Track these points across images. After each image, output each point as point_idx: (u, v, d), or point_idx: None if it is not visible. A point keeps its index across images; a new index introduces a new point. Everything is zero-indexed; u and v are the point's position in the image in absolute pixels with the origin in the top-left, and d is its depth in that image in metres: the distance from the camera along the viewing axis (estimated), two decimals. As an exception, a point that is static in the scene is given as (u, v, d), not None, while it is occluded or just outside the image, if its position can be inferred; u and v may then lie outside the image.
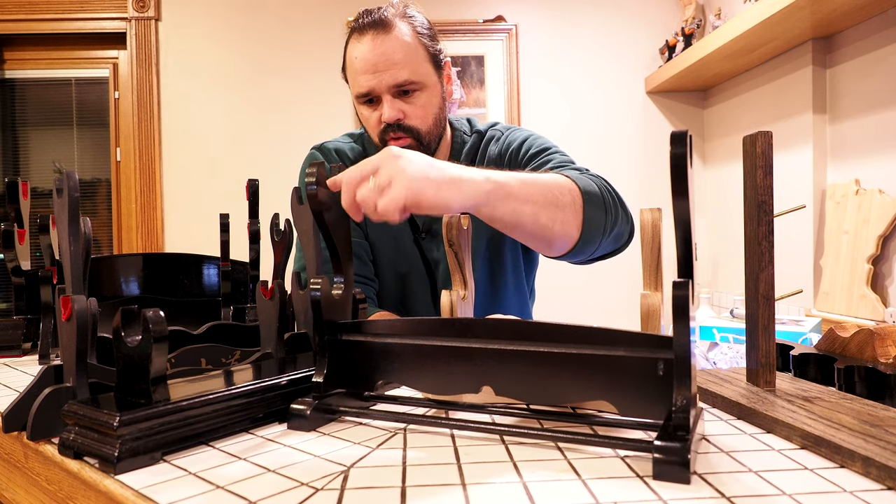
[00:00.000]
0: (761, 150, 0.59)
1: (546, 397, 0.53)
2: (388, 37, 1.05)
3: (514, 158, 1.14)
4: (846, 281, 1.91)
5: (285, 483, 0.43)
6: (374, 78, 1.05)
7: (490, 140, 1.19)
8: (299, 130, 2.74)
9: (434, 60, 1.11)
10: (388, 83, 1.05)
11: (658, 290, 0.56)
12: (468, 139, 1.20)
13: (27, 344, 0.93)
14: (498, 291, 1.21)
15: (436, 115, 1.11)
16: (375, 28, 1.06)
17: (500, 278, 1.20)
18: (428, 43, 1.10)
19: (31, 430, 0.53)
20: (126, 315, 0.50)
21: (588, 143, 2.77)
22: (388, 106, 1.06)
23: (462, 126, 1.22)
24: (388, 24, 1.06)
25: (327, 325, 0.60)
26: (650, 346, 0.48)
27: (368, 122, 1.11)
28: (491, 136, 1.20)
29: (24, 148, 2.88)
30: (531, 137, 1.17)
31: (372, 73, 1.05)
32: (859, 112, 1.94)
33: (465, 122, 1.24)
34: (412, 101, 1.08)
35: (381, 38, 1.05)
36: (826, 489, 0.41)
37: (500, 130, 1.21)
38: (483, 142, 1.20)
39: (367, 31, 1.06)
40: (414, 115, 1.08)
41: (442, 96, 1.13)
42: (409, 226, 1.17)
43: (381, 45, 1.05)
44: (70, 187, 0.57)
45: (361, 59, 1.06)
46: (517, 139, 1.17)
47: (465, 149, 1.18)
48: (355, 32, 1.08)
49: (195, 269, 1.07)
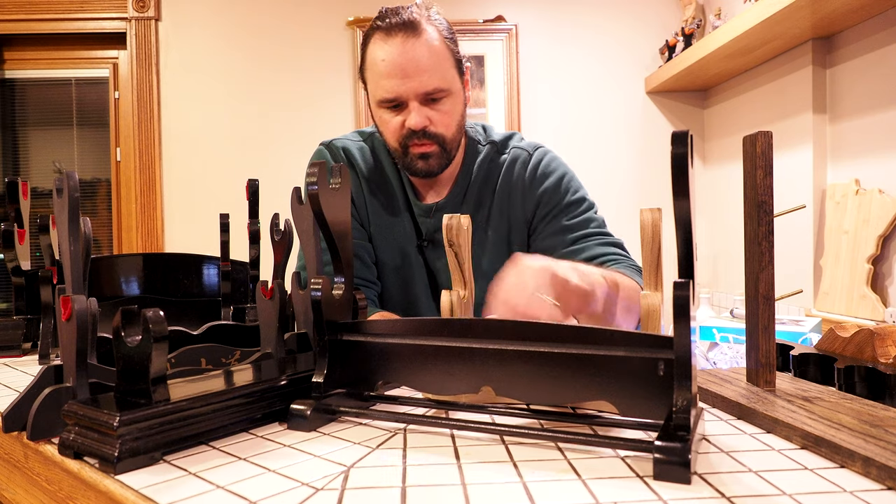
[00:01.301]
0: (761, 150, 0.59)
1: (546, 397, 0.53)
2: (417, 41, 1.01)
3: (551, 198, 1.11)
4: (846, 281, 1.91)
5: (285, 483, 0.43)
6: (403, 84, 1.01)
7: (516, 160, 1.15)
8: (299, 130, 2.74)
9: (458, 66, 1.07)
10: (418, 90, 1.02)
11: (658, 290, 0.56)
12: (482, 149, 1.16)
13: (27, 344, 0.93)
14: None
15: (459, 122, 1.09)
16: (405, 30, 1.01)
17: None
18: (453, 48, 1.06)
19: (31, 430, 0.53)
20: (126, 315, 0.50)
21: (588, 143, 2.77)
22: (415, 113, 1.02)
23: (476, 134, 1.18)
24: (418, 28, 1.01)
25: (328, 325, 0.60)
26: (651, 347, 0.48)
27: (388, 127, 1.07)
28: (516, 156, 1.15)
29: (24, 148, 2.88)
30: (566, 177, 1.14)
31: (401, 77, 1.01)
32: (859, 112, 1.94)
33: (480, 128, 1.20)
34: (438, 108, 1.04)
35: (411, 42, 1.00)
36: (826, 489, 0.41)
37: (525, 150, 1.16)
38: (503, 156, 1.15)
39: (396, 32, 1.01)
40: (440, 122, 1.05)
41: (464, 102, 1.10)
42: (415, 232, 1.15)
43: (412, 50, 1.00)
44: (70, 187, 0.57)
45: (390, 63, 1.01)
46: (553, 172, 1.13)
47: (479, 158, 1.15)
48: (380, 32, 1.03)
49: (195, 269, 1.06)
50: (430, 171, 1.08)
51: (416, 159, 1.07)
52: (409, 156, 1.07)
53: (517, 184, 1.14)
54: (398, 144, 1.07)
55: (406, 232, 1.15)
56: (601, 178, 2.68)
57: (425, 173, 1.09)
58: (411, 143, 1.05)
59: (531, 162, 1.15)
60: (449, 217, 0.65)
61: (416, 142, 1.05)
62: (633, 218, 1.04)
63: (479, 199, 1.14)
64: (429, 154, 1.06)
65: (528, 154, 1.16)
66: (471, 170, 1.15)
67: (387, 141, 1.10)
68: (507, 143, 1.18)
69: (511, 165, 1.15)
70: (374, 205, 1.15)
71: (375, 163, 1.16)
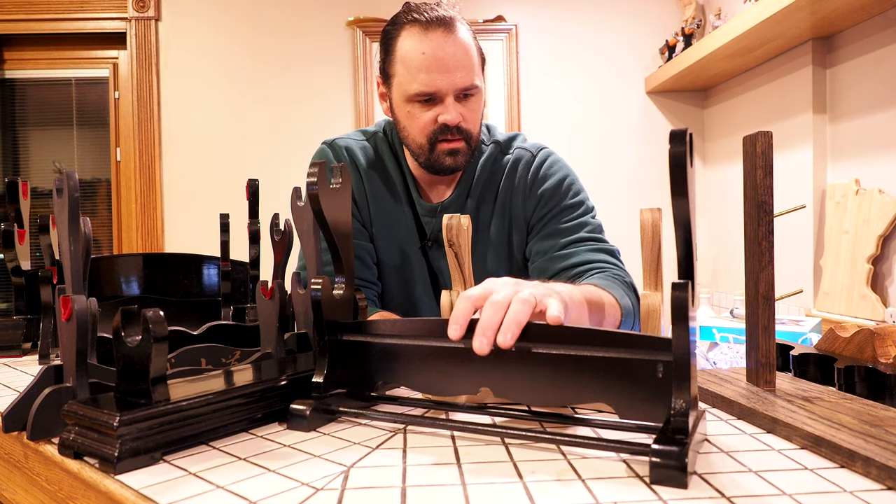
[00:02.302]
0: (761, 150, 0.59)
1: (545, 399, 0.53)
2: (457, 38, 1.03)
3: (549, 199, 1.12)
4: (846, 281, 1.91)
5: (285, 483, 0.43)
6: (444, 78, 1.02)
7: (519, 160, 1.16)
8: (299, 130, 2.74)
9: (483, 65, 1.10)
10: (458, 85, 1.03)
11: (658, 291, 0.56)
12: (486, 148, 1.17)
13: (27, 344, 0.93)
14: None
15: (481, 121, 1.11)
16: (444, 26, 1.02)
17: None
18: (479, 47, 1.09)
19: (31, 431, 0.53)
20: (126, 315, 0.50)
21: (588, 143, 2.77)
22: (452, 108, 1.03)
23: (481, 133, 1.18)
24: (455, 24, 1.04)
25: (328, 325, 0.60)
26: (650, 348, 0.48)
27: (418, 121, 1.06)
28: (519, 157, 1.16)
29: (24, 148, 2.88)
30: (567, 180, 1.14)
31: (442, 72, 1.02)
32: (859, 112, 1.94)
33: (484, 128, 1.20)
34: (469, 105, 1.06)
35: (451, 38, 1.02)
36: (826, 489, 0.41)
37: (529, 150, 1.17)
38: (507, 157, 1.16)
39: (435, 27, 1.02)
40: (470, 119, 1.07)
41: (484, 100, 1.12)
42: (417, 232, 1.15)
43: (452, 45, 1.02)
44: (70, 187, 0.57)
45: (430, 57, 1.02)
46: (555, 174, 1.14)
47: (482, 158, 1.15)
48: (416, 26, 1.04)
49: (195, 269, 1.06)
50: (456, 167, 1.09)
51: (444, 155, 1.07)
52: (436, 151, 1.07)
53: (519, 184, 1.14)
54: (426, 139, 1.07)
55: (409, 232, 1.15)
56: (601, 179, 2.68)
57: (452, 169, 1.09)
58: (442, 139, 1.06)
59: (534, 163, 1.15)
60: (449, 217, 0.65)
61: (448, 137, 1.06)
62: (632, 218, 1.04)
63: (481, 198, 1.15)
64: (457, 150, 1.07)
65: (532, 155, 1.16)
66: (474, 169, 1.15)
67: (411, 135, 1.09)
68: (510, 144, 1.18)
69: (514, 166, 1.15)
70: (377, 205, 1.15)
71: (378, 162, 1.16)
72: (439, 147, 1.06)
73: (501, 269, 1.15)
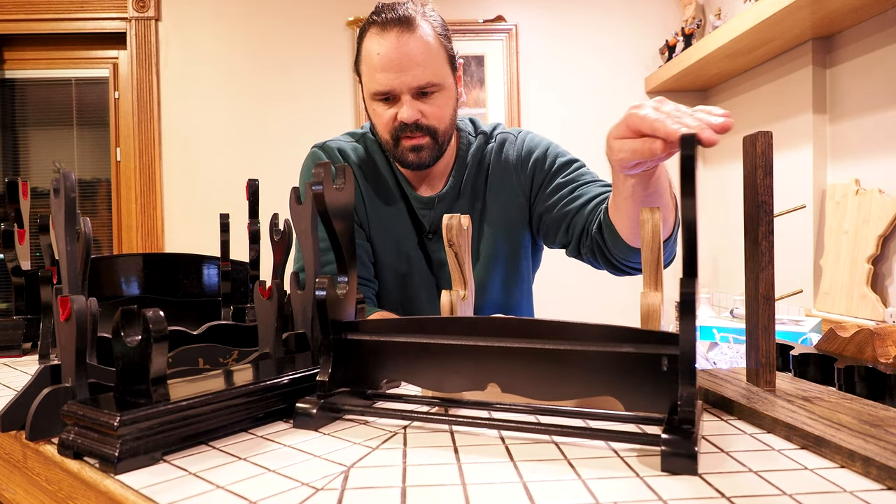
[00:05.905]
0: (761, 150, 0.59)
1: (552, 394, 0.53)
2: (412, 36, 1.04)
3: (542, 166, 1.15)
4: (846, 281, 1.91)
5: (285, 483, 0.43)
6: (396, 77, 1.04)
7: (503, 143, 1.19)
8: (299, 130, 2.74)
9: (451, 62, 1.11)
10: (410, 84, 1.04)
11: (658, 290, 0.56)
12: (473, 140, 1.20)
13: (27, 344, 0.93)
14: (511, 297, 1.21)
15: (451, 116, 1.12)
16: (400, 25, 1.04)
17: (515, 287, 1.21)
18: (446, 44, 1.10)
19: (30, 431, 0.52)
20: (126, 315, 0.50)
21: (588, 143, 2.75)
22: (407, 106, 1.05)
23: (466, 126, 1.22)
24: (413, 23, 1.04)
25: (332, 325, 0.60)
26: (655, 342, 0.49)
27: (381, 119, 1.09)
28: (503, 140, 1.20)
29: (24, 148, 2.88)
30: (552, 146, 1.18)
31: (394, 71, 1.04)
32: (859, 112, 1.94)
33: (469, 122, 1.24)
34: (430, 102, 1.07)
35: (405, 37, 1.04)
36: (826, 489, 0.41)
37: (511, 133, 1.21)
38: (492, 144, 1.19)
39: (391, 27, 1.04)
40: (432, 116, 1.08)
41: (456, 97, 1.13)
42: (414, 227, 1.17)
43: (406, 45, 1.03)
44: (66, 187, 0.57)
45: (384, 57, 1.04)
46: (538, 145, 1.17)
47: (471, 150, 1.18)
48: (375, 27, 1.06)
49: (195, 269, 1.06)
50: (420, 164, 1.11)
51: (407, 152, 1.10)
52: (399, 147, 1.10)
53: (507, 163, 1.17)
54: (390, 137, 1.10)
55: (405, 227, 1.16)
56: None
57: (416, 165, 1.12)
58: (403, 136, 1.08)
59: (517, 141, 1.19)
60: (449, 217, 0.65)
61: (407, 134, 1.08)
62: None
63: (474, 187, 1.18)
64: (420, 146, 1.09)
65: (514, 136, 1.21)
66: (465, 161, 1.18)
67: (379, 133, 1.13)
68: (493, 132, 1.23)
69: (499, 149, 1.19)
70: (372, 203, 1.16)
71: (369, 161, 1.18)
72: (402, 143, 1.09)
73: (502, 249, 1.18)
